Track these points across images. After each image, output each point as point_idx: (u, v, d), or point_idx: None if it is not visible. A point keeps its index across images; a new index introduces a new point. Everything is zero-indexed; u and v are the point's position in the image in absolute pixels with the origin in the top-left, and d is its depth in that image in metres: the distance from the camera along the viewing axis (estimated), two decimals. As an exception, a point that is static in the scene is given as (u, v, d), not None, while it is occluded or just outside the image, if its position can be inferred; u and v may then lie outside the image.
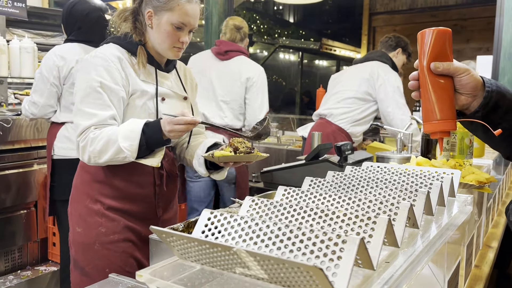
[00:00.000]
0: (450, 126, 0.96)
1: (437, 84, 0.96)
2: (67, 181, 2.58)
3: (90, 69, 1.49)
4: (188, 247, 0.62)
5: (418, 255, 0.76)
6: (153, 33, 1.56)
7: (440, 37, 0.96)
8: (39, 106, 2.53)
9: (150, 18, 1.55)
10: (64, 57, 2.51)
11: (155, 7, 1.53)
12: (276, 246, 0.63)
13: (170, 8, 1.52)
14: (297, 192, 0.89)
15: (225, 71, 2.93)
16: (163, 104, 1.60)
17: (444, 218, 0.97)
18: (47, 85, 2.51)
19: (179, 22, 1.54)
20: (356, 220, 0.71)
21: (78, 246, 1.61)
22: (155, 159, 1.48)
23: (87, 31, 2.58)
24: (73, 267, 1.64)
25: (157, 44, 1.58)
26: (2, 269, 3.12)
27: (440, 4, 7.43)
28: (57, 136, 2.59)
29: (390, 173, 1.12)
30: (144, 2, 1.57)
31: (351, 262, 0.57)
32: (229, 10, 4.93)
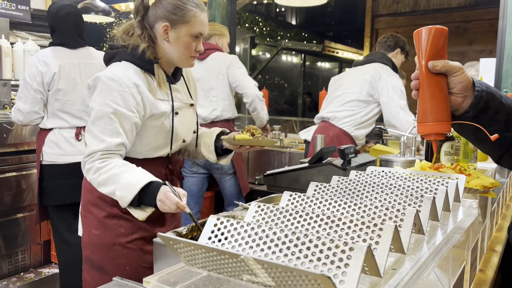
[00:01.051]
0: (444, 128, 0.96)
1: (434, 84, 0.95)
2: (55, 186, 2.61)
3: (105, 93, 1.50)
4: (195, 253, 0.62)
5: (425, 261, 0.76)
6: (169, 46, 1.57)
7: (437, 36, 0.96)
8: (24, 113, 2.52)
9: (166, 32, 1.55)
10: (46, 62, 2.50)
11: (171, 20, 1.54)
12: (283, 253, 0.63)
13: (187, 20, 1.54)
14: (302, 197, 0.89)
15: (206, 68, 3.15)
16: (176, 118, 1.64)
17: (450, 224, 0.97)
18: (30, 91, 2.49)
19: (197, 33, 1.57)
20: (363, 227, 0.71)
21: (95, 247, 1.64)
22: (142, 213, 1.50)
23: (61, 33, 2.56)
24: (89, 267, 1.67)
25: (175, 57, 1.59)
26: (5, 271, 3.13)
27: (442, 6, 7.43)
28: (45, 142, 2.59)
29: (395, 178, 1.12)
30: (151, 16, 1.57)
31: (359, 269, 0.57)
32: (231, 13, 4.94)
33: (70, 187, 2.60)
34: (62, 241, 2.70)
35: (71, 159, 2.59)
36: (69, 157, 2.59)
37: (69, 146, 2.59)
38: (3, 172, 3.00)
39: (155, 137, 1.60)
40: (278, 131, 4.17)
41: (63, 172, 2.60)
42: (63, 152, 2.58)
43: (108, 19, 4.87)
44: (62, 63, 2.53)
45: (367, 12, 8.26)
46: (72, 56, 2.59)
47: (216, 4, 4.82)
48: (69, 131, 2.60)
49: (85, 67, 2.62)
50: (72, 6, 2.64)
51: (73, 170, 2.59)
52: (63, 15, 2.54)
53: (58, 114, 2.58)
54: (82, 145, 2.60)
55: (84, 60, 2.62)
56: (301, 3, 5.10)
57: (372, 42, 8.28)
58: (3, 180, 3.00)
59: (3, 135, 2.97)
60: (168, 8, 1.54)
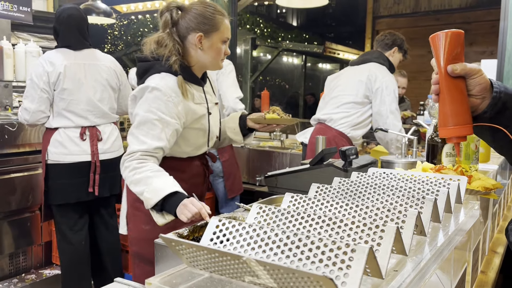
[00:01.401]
0: (466, 131, 0.96)
1: (454, 87, 0.95)
2: (60, 185, 2.63)
3: (150, 101, 1.63)
4: (197, 255, 0.62)
5: (426, 263, 0.75)
6: (202, 54, 1.72)
7: (455, 40, 0.96)
8: (31, 112, 2.55)
9: (200, 41, 1.70)
10: (52, 62, 2.54)
11: (204, 30, 1.69)
12: (285, 254, 0.63)
13: (217, 28, 1.71)
14: (304, 199, 0.89)
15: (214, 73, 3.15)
16: (211, 118, 1.82)
17: (451, 225, 0.96)
18: (37, 91, 2.53)
19: (226, 38, 1.75)
20: (364, 228, 0.71)
21: (145, 242, 1.71)
22: (161, 219, 1.58)
23: (64, 35, 2.61)
24: (138, 261, 1.77)
25: (208, 62, 1.75)
26: (6, 272, 3.13)
27: (443, 8, 7.43)
28: (50, 141, 2.61)
29: (396, 180, 1.12)
30: (182, 29, 1.71)
31: (361, 271, 0.57)
32: (232, 14, 4.94)
33: (74, 186, 2.63)
34: (65, 240, 2.71)
35: (76, 158, 2.61)
36: (73, 157, 2.61)
37: (73, 146, 2.61)
38: (4, 173, 3.00)
39: (197, 138, 1.78)
40: (279, 132, 4.17)
41: (67, 172, 2.62)
42: (67, 152, 2.60)
43: (109, 21, 4.87)
44: (68, 64, 2.56)
45: (368, 13, 8.26)
46: (77, 57, 2.62)
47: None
48: (74, 130, 2.62)
49: (89, 67, 2.65)
50: (75, 8, 2.67)
51: (77, 170, 2.62)
52: (65, 17, 2.58)
53: (63, 113, 2.60)
54: (86, 144, 2.62)
55: (88, 61, 2.66)
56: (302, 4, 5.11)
57: (373, 43, 8.29)
58: (4, 181, 3.00)
59: (5, 136, 2.98)
60: (199, 19, 1.69)
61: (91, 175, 2.63)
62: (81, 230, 2.73)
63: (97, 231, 2.86)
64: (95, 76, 2.66)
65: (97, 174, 2.64)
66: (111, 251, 2.90)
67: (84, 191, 2.63)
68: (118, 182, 2.81)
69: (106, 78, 2.71)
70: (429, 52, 1.05)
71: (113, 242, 2.92)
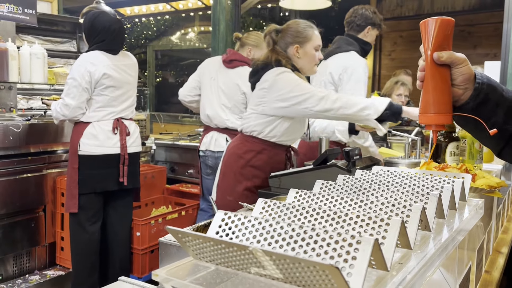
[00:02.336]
0: (446, 119, 0.97)
1: (439, 75, 0.96)
2: (89, 175, 2.82)
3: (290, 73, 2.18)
4: (203, 247, 0.63)
5: (431, 257, 0.76)
6: (300, 60, 2.22)
7: (443, 27, 0.96)
8: (71, 108, 2.76)
9: (297, 51, 2.20)
10: (94, 63, 2.78)
11: (299, 42, 2.19)
12: (290, 246, 0.63)
13: (310, 38, 2.20)
14: (308, 194, 0.90)
15: (229, 79, 3.24)
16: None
17: (456, 222, 0.97)
18: (79, 89, 2.75)
19: (318, 46, 2.23)
20: (369, 222, 0.71)
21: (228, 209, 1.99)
22: (384, 128, 2.11)
23: (110, 43, 2.86)
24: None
25: (305, 68, 2.24)
26: (10, 273, 3.13)
27: (446, 10, 7.42)
28: (83, 134, 2.81)
29: (400, 177, 1.12)
30: (281, 44, 2.22)
31: (366, 262, 0.57)
32: (236, 17, 4.97)
33: (102, 177, 2.85)
34: (82, 229, 2.86)
35: (107, 150, 2.84)
36: (104, 149, 2.83)
37: (106, 139, 2.83)
38: (8, 174, 3.02)
39: (298, 128, 2.28)
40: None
41: (97, 163, 2.83)
42: (100, 143, 2.82)
43: (113, 23, 4.88)
44: (109, 64, 2.83)
45: (371, 16, 8.25)
46: (115, 59, 2.90)
47: (220, 8, 4.84)
48: (107, 124, 2.85)
49: (124, 67, 2.93)
50: (119, 21, 2.98)
51: (106, 161, 2.85)
52: (116, 30, 2.87)
53: (101, 108, 2.84)
54: (117, 138, 2.87)
55: (122, 62, 2.93)
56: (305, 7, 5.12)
57: (376, 45, 8.28)
58: (8, 182, 3.01)
59: (10, 137, 2.99)
60: (294, 34, 2.19)
61: (120, 167, 2.86)
62: (98, 221, 2.91)
63: (109, 223, 2.98)
64: (129, 75, 2.94)
65: (125, 165, 2.87)
66: (120, 243, 3.02)
67: (110, 181, 2.88)
68: (138, 176, 3.04)
69: (133, 76, 3.00)
70: None
71: (124, 235, 3.05)
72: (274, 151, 2.25)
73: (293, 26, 2.22)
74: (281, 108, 2.17)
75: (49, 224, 3.32)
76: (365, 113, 2.07)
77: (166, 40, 8.45)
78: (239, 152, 2.27)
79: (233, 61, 3.23)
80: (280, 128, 2.21)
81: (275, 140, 2.24)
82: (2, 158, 2.99)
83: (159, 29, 8.37)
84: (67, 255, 3.28)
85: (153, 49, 8.45)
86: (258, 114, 2.24)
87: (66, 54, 4.56)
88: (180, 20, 8.32)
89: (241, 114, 3.19)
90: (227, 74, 3.24)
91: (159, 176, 3.89)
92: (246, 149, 2.26)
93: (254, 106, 2.27)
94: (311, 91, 2.10)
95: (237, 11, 4.96)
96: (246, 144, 2.28)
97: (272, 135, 2.22)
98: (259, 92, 2.23)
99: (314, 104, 2.08)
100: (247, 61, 3.25)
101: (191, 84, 3.43)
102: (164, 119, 5.95)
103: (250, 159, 2.24)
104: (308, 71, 2.25)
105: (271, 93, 2.15)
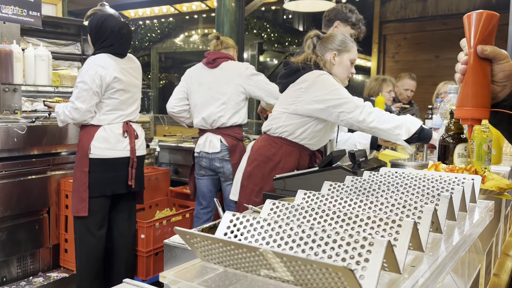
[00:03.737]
0: (483, 114, 0.95)
1: (480, 69, 0.94)
2: (99, 178, 2.82)
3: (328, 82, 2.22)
4: (211, 248, 0.61)
5: (443, 260, 0.74)
6: (335, 68, 2.29)
7: (488, 21, 0.95)
8: (81, 112, 2.75)
9: (334, 57, 2.28)
10: (104, 67, 2.77)
11: (338, 50, 2.28)
12: (300, 248, 0.62)
13: (348, 49, 2.29)
14: (317, 196, 0.88)
15: (215, 77, 3.23)
16: None
17: (466, 224, 0.95)
18: (89, 92, 2.74)
19: (354, 59, 2.32)
20: (381, 223, 0.69)
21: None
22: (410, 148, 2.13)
23: (118, 47, 2.86)
24: None
25: (338, 77, 2.29)
26: (14, 275, 3.13)
27: (451, 12, 7.40)
28: (95, 137, 2.80)
29: (409, 178, 1.11)
30: (321, 49, 2.31)
31: (379, 264, 0.56)
32: (240, 19, 4.96)
33: (111, 180, 2.85)
34: (88, 233, 2.85)
35: (117, 153, 2.84)
36: (115, 152, 2.83)
37: (117, 142, 2.84)
38: (13, 176, 3.02)
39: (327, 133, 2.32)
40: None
41: (107, 166, 2.83)
42: (111, 147, 2.82)
43: (117, 25, 4.90)
44: (118, 67, 2.82)
45: (375, 18, 8.25)
46: (122, 62, 2.90)
47: (224, 10, 4.84)
48: (118, 127, 2.85)
49: (130, 70, 2.93)
50: (128, 26, 2.98)
51: (116, 164, 2.84)
52: (125, 33, 2.88)
53: (111, 111, 2.84)
54: (127, 141, 2.87)
55: (129, 65, 2.94)
56: (309, 9, 5.11)
57: (380, 48, 8.26)
58: (13, 184, 3.01)
59: (14, 139, 2.99)
60: (337, 43, 2.29)
61: (129, 169, 2.86)
62: (104, 226, 2.91)
63: (114, 226, 2.98)
64: (134, 78, 2.95)
65: (134, 168, 2.88)
66: (126, 246, 3.02)
67: (119, 184, 2.88)
68: (143, 178, 3.05)
69: (139, 78, 3.00)
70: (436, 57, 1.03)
71: (129, 237, 3.05)
72: (301, 154, 2.28)
73: (336, 35, 2.33)
74: (316, 109, 2.18)
75: (53, 226, 3.32)
76: (396, 132, 2.10)
77: (170, 42, 8.46)
78: (268, 154, 2.27)
79: (216, 59, 3.24)
80: (312, 131, 2.23)
81: (304, 142, 2.26)
82: (6, 160, 2.99)
83: (163, 32, 8.38)
84: (71, 257, 3.27)
85: (157, 51, 8.46)
86: (290, 114, 2.24)
87: (70, 56, 4.57)
88: (184, 23, 8.33)
89: (237, 107, 3.19)
90: (213, 73, 3.25)
91: (163, 178, 3.88)
92: (275, 151, 2.27)
93: (286, 105, 2.26)
94: (349, 97, 2.14)
95: (241, 13, 4.95)
96: (274, 145, 2.28)
97: (303, 137, 2.24)
98: (294, 93, 2.24)
99: (350, 110, 2.12)
100: (230, 57, 3.28)
101: (178, 95, 3.38)
102: (168, 121, 5.95)
103: (280, 160, 2.25)
104: (341, 80, 2.30)
105: (309, 93, 2.17)
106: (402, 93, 4.63)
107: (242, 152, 3.20)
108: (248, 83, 3.19)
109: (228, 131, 3.20)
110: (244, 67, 3.23)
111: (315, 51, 2.30)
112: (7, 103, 3.52)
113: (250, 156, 2.35)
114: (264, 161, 2.27)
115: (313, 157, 2.36)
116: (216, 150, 3.17)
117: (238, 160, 3.18)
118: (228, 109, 3.21)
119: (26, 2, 3.44)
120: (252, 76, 3.20)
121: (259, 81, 3.21)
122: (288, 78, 2.30)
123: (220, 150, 3.17)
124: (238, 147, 3.22)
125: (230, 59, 3.28)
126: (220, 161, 3.19)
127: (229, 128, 3.21)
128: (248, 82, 3.19)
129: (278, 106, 2.33)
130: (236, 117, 3.23)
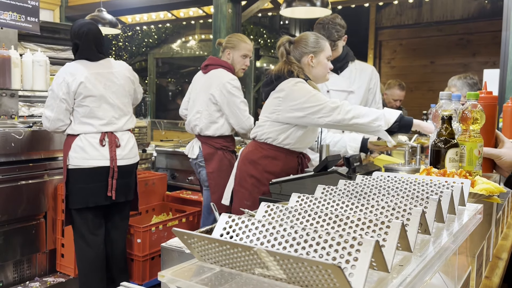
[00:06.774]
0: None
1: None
2: (80, 189, 2.74)
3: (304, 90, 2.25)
4: (208, 248, 0.64)
5: (430, 260, 0.77)
6: (313, 69, 2.34)
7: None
8: (50, 120, 2.70)
9: (311, 60, 2.32)
10: (72, 73, 2.68)
11: (314, 52, 2.31)
12: (293, 248, 0.65)
13: (323, 48, 2.32)
14: (310, 199, 0.91)
15: (202, 84, 3.24)
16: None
17: (455, 226, 0.98)
18: (56, 100, 2.67)
19: (329, 56, 2.35)
20: (370, 225, 0.72)
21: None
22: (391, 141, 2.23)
23: (85, 49, 2.76)
24: None
25: (318, 76, 2.36)
26: (10, 280, 3.14)
27: (446, 19, 7.48)
28: (71, 147, 2.72)
29: (400, 182, 1.14)
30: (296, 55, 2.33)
31: (367, 263, 0.59)
32: (236, 25, 5.00)
33: (93, 191, 2.75)
34: (85, 244, 2.81)
35: (95, 163, 2.74)
36: (93, 161, 2.74)
37: (94, 151, 2.74)
38: (10, 181, 3.03)
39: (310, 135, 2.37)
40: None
41: (87, 176, 2.75)
42: (88, 157, 2.73)
43: (114, 31, 4.94)
44: (88, 74, 2.71)
45: (371, 24, 8.32)
46: (95, 67, 2.78)
47: (221, 16, 4.88)
48: (94, 136, 2.75)
49: (107, 75, 2.80)
50: (91, 23, 2.85)
51: (96, 175, 2.75)
52: (84, 33, 2.75)
53: (84, 120, 2.74)
54: (106, 150, 2.75)
55: (105, 70, 2.81)
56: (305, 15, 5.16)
57: (376, 54, 8.33)
58: (10, 188, 3.02)
59: (11, 144, 3.01)
60: (309, 45, 2.31)
61: (109, 180, 2.74)
62: (100, 234, 2.86)
63: (107, 235, 2.93)
64: (112, 83, 2.80)
65: (114, 179, 2.75)
66: (118, 255, 2.97)
67: (102, 196, 2.76)
68: (132, 188, 2.94)
69: (122, 84, 2.85)
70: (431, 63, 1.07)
71: (121, 246, 3.01)
72: (288, 157, 2.34)
73: (307, 37, 2.34)
74: (296, 117, 2.24)
75: (49, 230, 3.33)
76: (376, 124, 2.15)
77: (167, 48, 8.50)
78: (254, 158, 2.34)
79: (208, 66, 3.24)
80: (294, 136, 2.30)
81: (289, 147, 2.33)
82: (3, 164, 3.01)
83: (160, 37, 8.41)
84: (68, 262, 3.28)
85: (154, 57, 8.50)
86: (272, 121, 2.31)
87: (68, 61, 4.58)
88: (181, 28, 8.37)
89: (211, 118, 3.14)
90: (203, 79, 3.26)
91: (160, 183, 3.90)
92: (261, 155, 2.33)
93: (269, 114, 2.33)
94: (325, 102, 2.19)
95: (238, 20, 5.00)
96: (260, 150, 2.34)
97: (286, 142, 2.31)
98: (274, 101, 2.30)
99: (327, 114, 2.17)
100: (223, 64, 3.21)
101: (185, 99, 3.46)
102: (165, 126, 5.98)
103: (266, 164, 2.32)
104: (321, 79, 2.38)
105: (287, 102, 2.23)
106: (390, 102, 4.66)
107: (223, 161, 3.16)
108: (221, 95, 3.08)
109: (208, 140, 3.18)
110: (227, 79, 3.10)
111: (289, 58, 2.33)
112: (4, 108, 3.54)
113: (239, 161, 2.43)
114: (251, 165, 2.34)
115: (303, 158, 2.42)
116: (193, 156, 3.24)
117: (215, 169, 3.12)
118: (202, 118, 3.17)
119: (24, 8, 3.47)
120: (229, 92, 3.08)
121: (233, 102, 3.07)
122: (267, 87, 2.37)
123: (197, 157, 3.21)
124: (216, 156, 3.16)
125: (221, 67, 3.19)
126: (197, 167, 3.24)
127: (209, 137, 3.18)
128: (222, 95, 3.08)
129: (262, 114, 2.40)
130: (213, 128, 3.15)
